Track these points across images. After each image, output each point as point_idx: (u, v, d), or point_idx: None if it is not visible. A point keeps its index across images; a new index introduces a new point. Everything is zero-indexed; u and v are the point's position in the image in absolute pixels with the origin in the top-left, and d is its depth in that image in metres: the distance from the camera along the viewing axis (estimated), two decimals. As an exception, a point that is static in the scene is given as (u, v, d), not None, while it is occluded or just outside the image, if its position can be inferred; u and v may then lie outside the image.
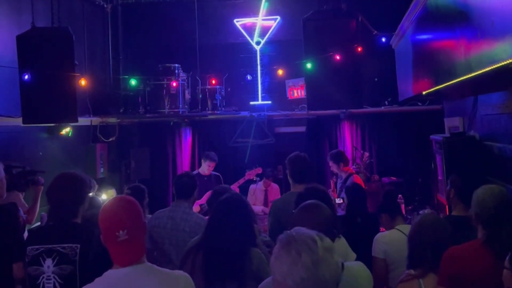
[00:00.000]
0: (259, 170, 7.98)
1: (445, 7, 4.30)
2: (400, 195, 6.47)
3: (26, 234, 4.21)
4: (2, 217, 3.94)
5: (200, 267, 3.32)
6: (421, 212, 6.06)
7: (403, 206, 6.34)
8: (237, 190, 7.72)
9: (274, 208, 4.64)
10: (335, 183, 7.43)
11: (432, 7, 4.91)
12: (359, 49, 6.96)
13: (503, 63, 2.77)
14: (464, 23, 3.64)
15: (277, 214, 4.51)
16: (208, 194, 6.54)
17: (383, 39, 8.66)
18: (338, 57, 6.79)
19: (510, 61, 2.67)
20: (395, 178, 8.09)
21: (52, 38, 6.48)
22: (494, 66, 2.91)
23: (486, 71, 3.12)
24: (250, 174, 7.94)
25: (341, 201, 6.43)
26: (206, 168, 7.61)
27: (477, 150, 4.85)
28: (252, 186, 8.03)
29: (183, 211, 4.51)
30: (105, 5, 9.67)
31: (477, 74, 3.34)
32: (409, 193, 7.41)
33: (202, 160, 7.75)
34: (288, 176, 4.81)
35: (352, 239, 3.76)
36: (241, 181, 7.90)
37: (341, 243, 3.61)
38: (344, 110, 8.86)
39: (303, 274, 1.74)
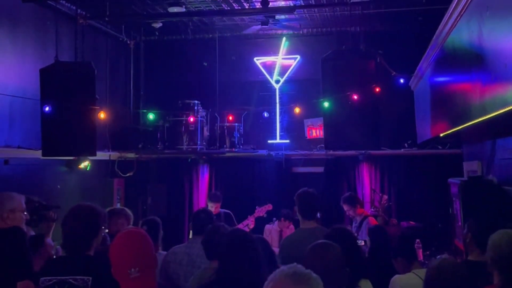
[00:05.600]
0: (269, 207, 7.80)
1: (461, 49, 4.30)
2: (418, 240, 6.32)
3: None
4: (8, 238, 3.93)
5: None
6: (438, 257, 5.90)
7: (421, 251, 6.18)
8: (253, 223, 7.63)
9: (285, 244, 4.60)
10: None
11: (449, 49, 4.91)
12: (377, 89, 6.89)
13: (516, 106, 2.75)
14: (479, 65, 3.62)
15: (287, 250, 4.45)
16: None
17: (402, 80, 8.56)
18: (355, 97, 6.74)
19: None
20: (413, 223, 7.90)
21: (74, 72, 6.58)
22: (507, 109, 2.88)
23: (499, 113, 3.09)
24: (261, 211, 7.76)
25: (363, 243, 6.29)
26: (211, 209, 7.38)
27: (495, 195, 4.75)
28: (267, 226, 7.90)
29: (199, 247, 4.43)
30: (128, 41, 9.89)
31: (491, 117, 3.31)
32: (428, 238, 7.23)
33: (208, 203, 7.50)
34: (297, 213, 4.74)
35: (374, 282, 3.66)
36: (251, 218, 7.69)
37: (367, 285, 3.52)
38: (363, 152, 8.78)
39: None
